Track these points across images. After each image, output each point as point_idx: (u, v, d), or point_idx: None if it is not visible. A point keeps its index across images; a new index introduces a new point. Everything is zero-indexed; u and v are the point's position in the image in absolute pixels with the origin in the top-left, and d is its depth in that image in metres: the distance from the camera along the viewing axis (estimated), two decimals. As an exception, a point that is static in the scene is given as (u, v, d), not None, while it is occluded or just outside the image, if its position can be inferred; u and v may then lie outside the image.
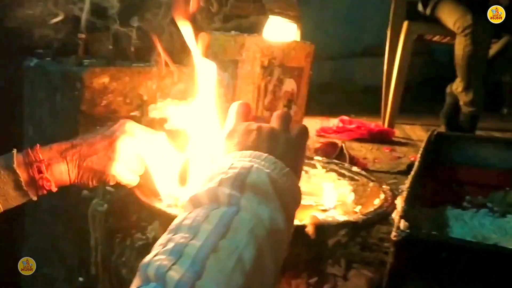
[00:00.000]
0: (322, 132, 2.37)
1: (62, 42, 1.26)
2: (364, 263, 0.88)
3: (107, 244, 1.06)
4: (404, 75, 2.54)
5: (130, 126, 0.83)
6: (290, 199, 0.56)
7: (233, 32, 1.66)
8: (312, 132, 2.41)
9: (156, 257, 0.46)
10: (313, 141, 2.16)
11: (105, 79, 1.10)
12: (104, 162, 0.80)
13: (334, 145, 1.90)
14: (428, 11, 2.41)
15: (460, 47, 2.17)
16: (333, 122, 2.50)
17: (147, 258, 0.46)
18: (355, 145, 2.21)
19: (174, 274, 0.43)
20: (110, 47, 1.19)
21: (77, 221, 1.14)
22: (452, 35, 2.27)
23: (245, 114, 0.65)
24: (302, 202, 1.05)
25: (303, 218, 0.79)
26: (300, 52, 1.74)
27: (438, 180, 1.34)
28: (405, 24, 2.46)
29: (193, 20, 0.77)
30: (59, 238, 1.27)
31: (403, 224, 0.67)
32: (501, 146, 1.47)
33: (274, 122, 0.63)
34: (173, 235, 0.49)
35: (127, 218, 1.02)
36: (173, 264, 0.44)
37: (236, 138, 0.61)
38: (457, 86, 2.32)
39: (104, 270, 1.08)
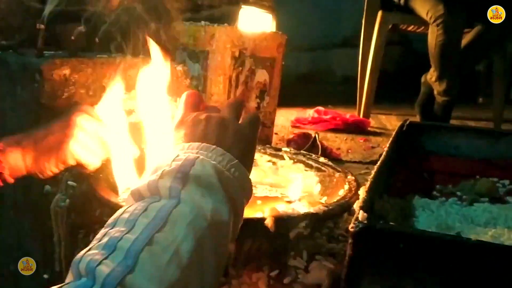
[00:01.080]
0: (297, 123, 2.37)
1: (27, 33, 1.23)
2: (329, 254, 0.87)
3: (70, 239, 1.04)
4: (378, 65, 2.54)
5: (90, 108, 0.84)
6: (239, 191, 0.55)
7: (203, 22, 1.64)
8: (287, 123, 2.40)
9: (89, 252, 0.45)
10: (288, 132, 2.15)
11: (66, 71, 1.07)
12: (61, 139, 0.79)
13: (307, 136, 1.89)
14: (402, 1, 2.41)
15: (433, 36, 2.18)
16: (309, 113, 2.50)
17: (81, 253, 0.45)
18: (330, 135, 2.21)
19: (105, 268, 0.42)
20: (72, 38, 1.15)
21: (41, 217, 1.12)
22: (426, 24, 2.28)
23: (195, 104, 0.64)
24: (269, 194, 1.05)
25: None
26: (272, 42, 1.73)
27: (409, 170, 1.34)
28: (379, 14, 2.46)
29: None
30: (24, 235, 1.24)
31: (361, 214, 0.66)
32: (472, 135, 1.47)
33: (225, 111, 0.62)
34: (110, 229, 0.47)
35: (90, 213, 1.00)
36: (104, 258, 0.43)
37: (184, 129, 0.59)
38: (431, 75, 2.33)
39: (68, 266, 1.05)
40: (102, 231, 0.48)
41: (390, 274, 0.63)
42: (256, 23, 2.12)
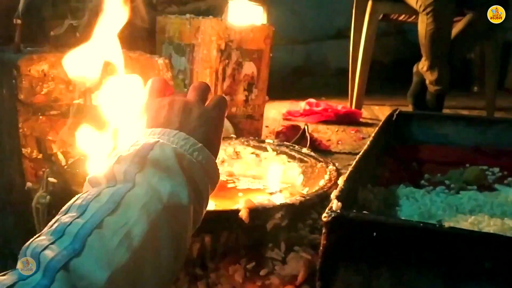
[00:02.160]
0: (288, 115, 2.35)
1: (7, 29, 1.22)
2: (311, 245, 0.86)
3: (52, 236, 1.03)
4: (370, 56, 2.52)
5: None
6: (202, 175, 0.54)
7: (188, 15, 1.62)
8: (279, 116, 2.39)
9: (37, 238, 0.44)
10: (279, 125, 2.14)
11: (44, 66, 1.06)
12: None
13: (296, 128, 1.88)
14: (392, -10, 2.39)
15: (423, 25, 2.16)
16: (301, 105, 2.48)
17: (30, 240, 0.44)
18: (322, 127, 2.20)
19: (49, 253, 0.41)
20: (52, 33, 1.14)
21: (25, 214, 1.11)
22: (417, 13, 2.26)
23: (160, 90, 0.62)
24: (251, 186, 1.04)
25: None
26: (259, 34, 1.71)
27: (398, 159, 1.33)
28: (369, 3, 2.44)
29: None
30: (10, 232, 1.23)
31: (335, 204, 0.65)
32: (462, 123, 1.46)
33: (190, 95, 0.61)
34: (63, 215, 0.46)
35: (70, 209, 0.99)
36: (51, 243, 0.42)
37: (147, 115, 0.58)
38: (422, 65, 2.31)
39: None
40: (55, 218, 0.47)
41: (365, 263, 0.62)
42: (246, 15, 2.10)
